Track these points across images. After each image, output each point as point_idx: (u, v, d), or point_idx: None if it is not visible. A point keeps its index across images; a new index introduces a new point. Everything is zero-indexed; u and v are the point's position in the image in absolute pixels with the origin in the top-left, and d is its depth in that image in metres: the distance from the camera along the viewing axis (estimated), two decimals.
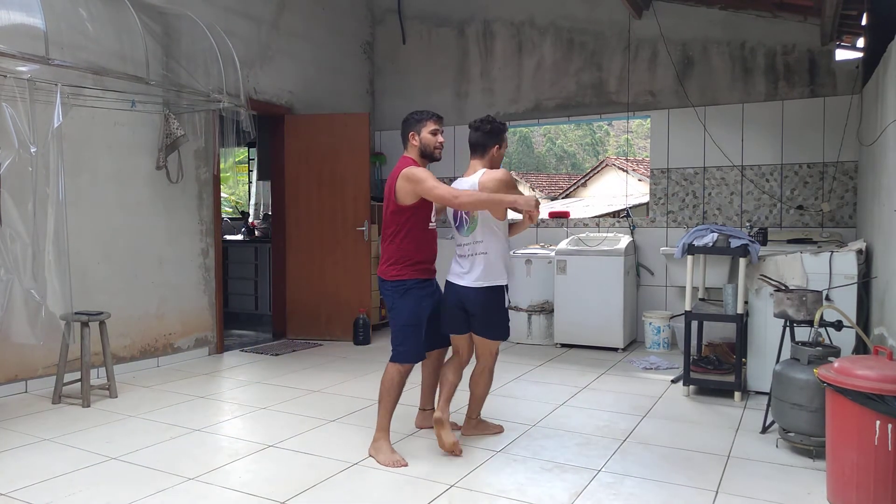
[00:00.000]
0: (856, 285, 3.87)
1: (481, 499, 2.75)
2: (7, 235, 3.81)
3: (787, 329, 3.44)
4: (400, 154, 3.38)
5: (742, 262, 4.13)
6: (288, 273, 6.40)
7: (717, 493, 2.79)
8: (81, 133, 4.58)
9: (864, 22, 4.62)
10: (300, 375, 4.91)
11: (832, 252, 3.99)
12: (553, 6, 6.61)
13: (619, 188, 13.99)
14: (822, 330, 3.32)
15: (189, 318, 5.43)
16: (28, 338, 3.91)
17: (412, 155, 3.32)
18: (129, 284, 4.93)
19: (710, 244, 4.25)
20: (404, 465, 3.06)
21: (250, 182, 9.36)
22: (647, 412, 3.96)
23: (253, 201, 9.15)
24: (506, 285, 3.29)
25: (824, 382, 2.69)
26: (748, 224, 5.59)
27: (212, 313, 5.63)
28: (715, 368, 4.48)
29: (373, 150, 7.30)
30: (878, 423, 2.48)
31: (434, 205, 3.30)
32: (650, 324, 5.80)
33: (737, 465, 3.10)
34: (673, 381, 4.64)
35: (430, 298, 3.36)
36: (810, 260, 4.01)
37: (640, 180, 13.48)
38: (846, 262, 3.93)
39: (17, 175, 3.86)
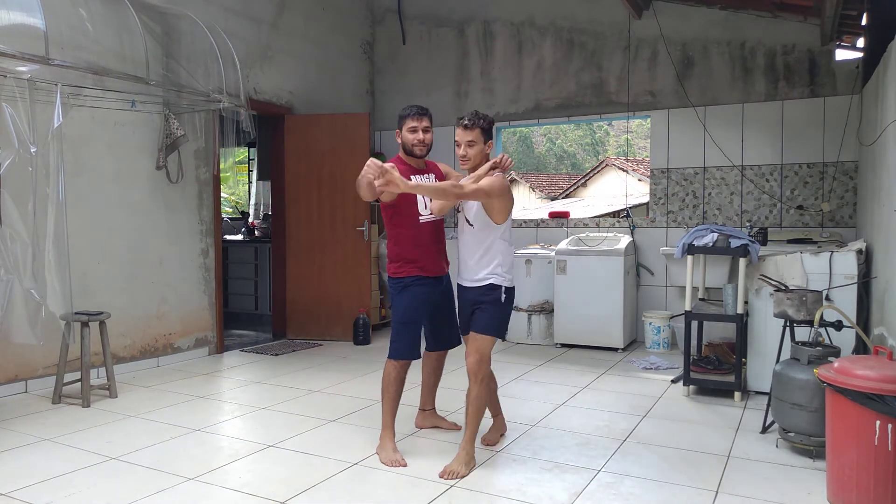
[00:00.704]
0: (856, 285, 3.87)
1: (481, 499, 2.75)
2: (7, 235, 3.81)
3: (787, 329, 3.44)
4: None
5: (742, 262, 4.13)
6: (288, 273, 6.40)
7: (716, 493, 2.79)
8: (81, 133, 4.58)
9: (864, 22, 4.62)
10: (300, 375, 4.91)
11: (832, 252, 3.99)
12: (553, 6, 6.61)
13: (619, 188, 13.99)
14: (822, 330, 3.32)
15: (189, 318, 5.43)
16: (28, 338, 3.91)
17: (400, 152, 3.33)
18: (129, 284, 4.93)
19: (710, 244, 4.25)
20: (403, 465, 3.07)
21: (250, 182, 9.35)
22: (647, 412, 3.96)
23: (253, 201, 9.14)
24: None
25: (824, 382, 2.69)
26: (748, 224, 5.58)
27: (212, 313, 5.63)
28: (715, 368, 4.48)
29: (373, 150, 7.29)
30: (878, 423, 2.48)
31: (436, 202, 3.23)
32: (650, 324, 5.80)
33: (737, 465, 3.10)
34: (673, 381, 4.64)
35: (432, 297, 3.32)
36: (810, 260, 4.01)
37: (640, 180, 13.48)
38: (846, 262, 3.93)
39: (17, 175, 3.87)
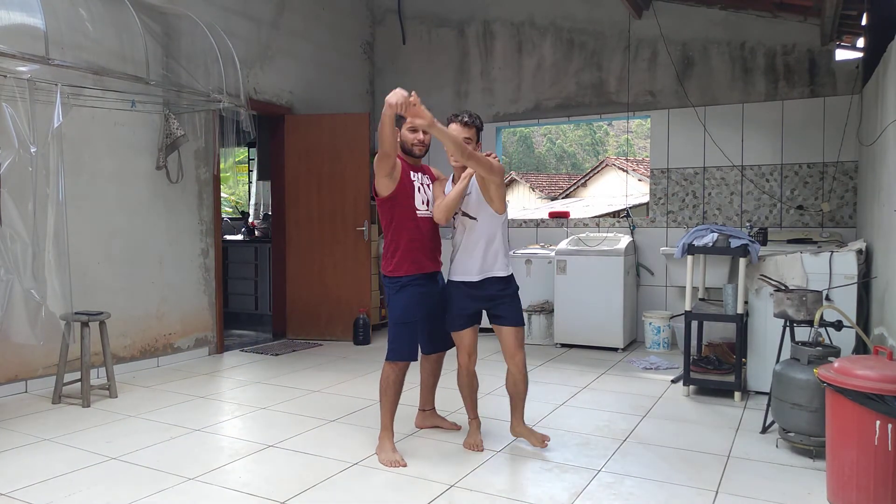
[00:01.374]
0: (856, 285, 3.87)
1: (481, 499, 2.74)
2: (7, 235, 3.81)
3: (787, 329, 3.44)
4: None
5: (742, 262, 4.13)
6: (288, 273, 6.40)
7: (716, 493, 2.79)
8: (81, 133, 4.58)
9: (864, 22, 4.62)
10: (300, 375, 4.91)
11: (832, 252, 3.99)
12: (553, 6, 6.61)
13: (619, 188, 14.00)
14: (822, 330, 3.32)
15: (189, 318, 5.43)
16: (28, 338, 3.91)
17: (400, 151, 3.32)
18: (129, 284, 4.93)
19: (710, 244, 4.25)
20: (403, 466, 3.06)
21: (250, 182, 9.36)
22: (646, 412, 3.96)
23: (253, 201, 9.14)
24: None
25: (824, 382, 2.69)
26: (748, 224, 5.58)
27: (212, 313, 5.63)
28: (715, 368, 4.48)
29: (373, 150, 7.26)
30: (878, 423, 2.48)
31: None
32: (650, 324, 5.79)
33: (737, 465, 3.10)
34: (673, 381, 4.64)
35: (429, 297, 3.29)
36: (810, 260, 4.01)
37: (640, 180, 13.48)
38: (846, 262, 3.92)
39: (17, 175, 3.87)
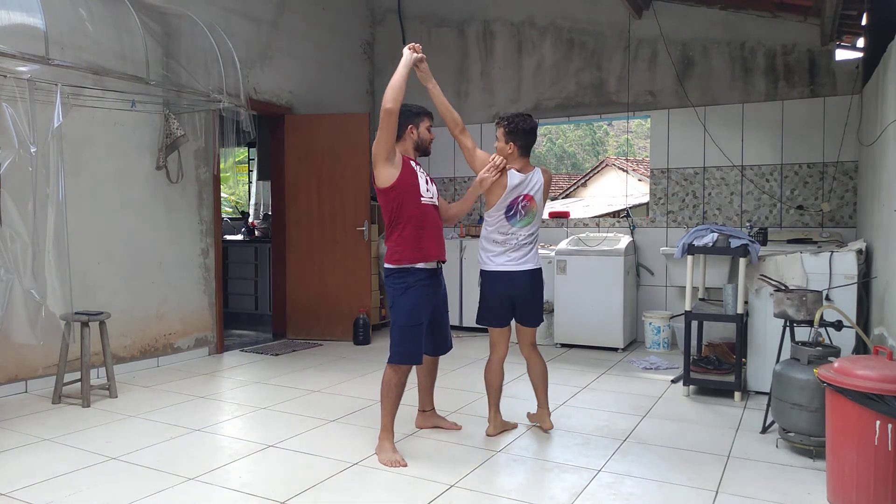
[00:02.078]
0: (856, 285, 3.87)
1: (481, 499, 2.74)
2: (7, 235, 3.81)
3: (787, 329, 3.44)
4: None
5: (742, 262, 4.13)
6: (288, 273, 6.40)
7: (716, 493, 2.79)
8: (81, 133, 4.58)
9: (864, 22, 4.62)
10: (300, 375, 4.91)
11: (832, 252, 3.99)
12: (553, 6, 6.61)
13: (619, 188, 13.99)
14: (822, 330, 3.32)
15: (189, 318, 5.43)
16: (28, 338, 3.91)
17: (406, 147, 3.29)
18: (129, 284, 4.93)
19: (710, 244, 4.25)
20: (403, 466, 3.06)
21: (250, 182, 9.36)
22: (647, 412, 3.96)
23: (253, 201, 9.15)
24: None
25: (824, 382, 2.69)
26: (748, 224, 5.59)
27: (212, 313, 5.63)
28: (715, 368, 4.48)
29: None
30: (878, 423, 2.48)
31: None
32: (650, 324, 5.79)
33: (737, 465, 3.10)
34: (673, 381, 4.64)
35: (433, 298, 3.30)
36: (810, 260, 4.01)
37: (640, 180, 13.47)
38: (846, 262, 3.92)
39: (17, 175, 3.86)
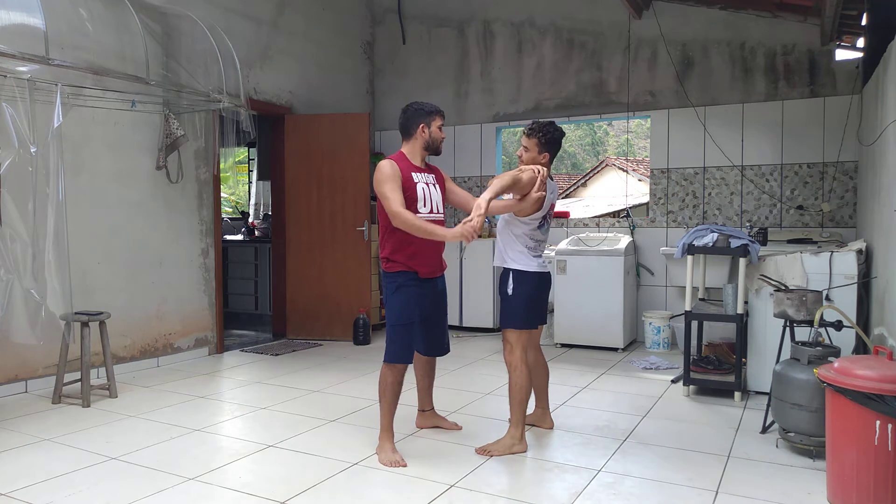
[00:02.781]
0: (856, 285, 3.87)
1: (481, 499, 2.74)
2: (7, 235, 3.81)
3: (787, 329, 3.44)
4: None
5: (742, 262, 4.13)
6: (288, 273, 6.40)
7: (716, 493, 2.79)
8: (81, 133, 4.58)
9: (864, 22, 4.62)
10: (300, 375, 4.91)
11: (832, 252, 3.99)
12: (553, 6, 6.61)
13: (619, 188, 14.00)
14: (822, 330, 3.32)
15: (189, 318, 5.43)
16: (28, 338, 3.91)
17: (415, 146, 3.29)
18: (129, 284, 4.93)
19: (710, 244, 4.25)
20: (403, 466, 3.06)
21: (250, 182, 9.36)
22: (647, 412, 3.96)
23: (253, 201, 9.15)
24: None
25: (824, 382, 2.69)
26: (748, 224, 5.59)
27: (212, 313, 5.63)
28: (715, 368, 4.48)
29: (373, 150, 7.30)
30: (878, 423, 2.48)
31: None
32: (650, 324, 5.79)
33: (737, 465, 3.10)
34: (673, 381, 4.64)
35: (424, 298, 3.24)
36: (810, 260, 4.01)
37: (640, 180, 13.48)
38: (846, 262, 3.92)
39: (17, 175, 3.86)
